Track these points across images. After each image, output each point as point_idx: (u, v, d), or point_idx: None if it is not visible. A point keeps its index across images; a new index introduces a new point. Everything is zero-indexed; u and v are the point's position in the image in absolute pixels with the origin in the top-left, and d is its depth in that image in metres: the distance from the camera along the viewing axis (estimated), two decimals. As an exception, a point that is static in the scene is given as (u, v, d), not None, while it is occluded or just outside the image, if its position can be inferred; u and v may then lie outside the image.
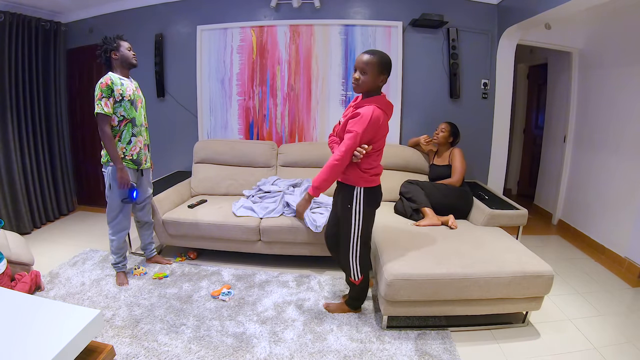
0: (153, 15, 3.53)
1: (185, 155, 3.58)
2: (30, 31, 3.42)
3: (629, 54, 2.87)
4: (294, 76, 3.45)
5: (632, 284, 2.61)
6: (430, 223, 2.51)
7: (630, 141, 2.86)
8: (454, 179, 2.77)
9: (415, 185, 2.75)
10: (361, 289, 2.14)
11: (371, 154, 1.85)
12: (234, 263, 2.83)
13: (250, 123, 3.57)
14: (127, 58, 2.33)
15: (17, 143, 3.37)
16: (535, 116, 4.65)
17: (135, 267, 2.66)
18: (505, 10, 3.15)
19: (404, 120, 3.41)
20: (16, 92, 3.35)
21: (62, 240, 3.32)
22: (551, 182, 3.95)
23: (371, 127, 1.75)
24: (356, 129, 1.76)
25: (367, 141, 1.80)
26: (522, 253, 2.11)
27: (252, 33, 3.42)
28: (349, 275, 2.07)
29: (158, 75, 3.55)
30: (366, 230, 1.98)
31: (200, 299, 2.32)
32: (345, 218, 1.95)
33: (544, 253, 2.25)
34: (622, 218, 2.88)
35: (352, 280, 2.07)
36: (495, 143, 3.42)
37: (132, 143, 2.38)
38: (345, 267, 2.09)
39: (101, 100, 2.20)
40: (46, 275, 2.55)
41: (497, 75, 3.33)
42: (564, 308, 2.28)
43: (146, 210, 2.66)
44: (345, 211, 1.95)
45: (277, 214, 2.74)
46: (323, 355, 1.83)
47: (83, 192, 4.23)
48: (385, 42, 3.31)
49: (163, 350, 1.84)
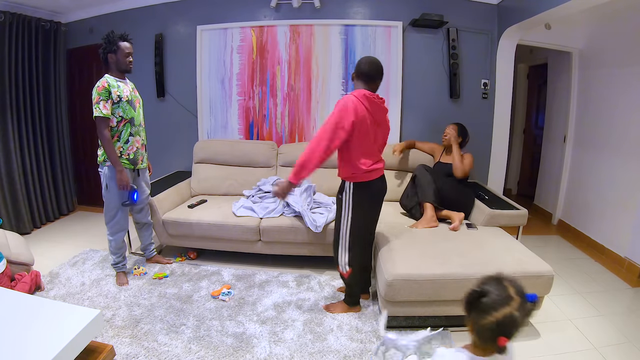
0: (153, 15, 3.53)
1: (185, 155, 3.58)
2: (30, 31, 3.42)
3: (629, 54, 2.87)
4: (294, 76, 3.45)
5: (632, 284, 2.61)
6: (427, 225, 2.50)
7: (630, 141, 2.86)
8: (461, 166, 2.68)
9: (429, 175, 2.63)
10: (349, 284, 2.16)
11: (354, 150, 1.89)
12: (234, 263, 2.83)
13: (250, 123, 3.57)
14: (122, 64, 2.32)
15: (17, 143, 3.36)
16: (535, 116, 4.65)
17: (135, 267, 2.66)
18: (505, 10, 3.15)
19: (404, 120, 3.41)
20: (16, 92, 3.35)
21: (62, 240, 3.32)
22: (551, 182, 3.95)
23: (343, 112, 1.81)
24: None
25: (347, 132, 1.82)
26: (522, 253, 2.11)
27: (252, 33, 3.42)
28: (337, 265, 2.12)
29: (158, 75, 3.54)
30: (357, 222, 2.00)
31: (200, 299, 2.32)
32: (338, 207, 2.10)
33: (544, 253, 2.24)
34: (622, 218, 2.88)
35: (339, 271, 2.12)
36: (495, 143, 3.42)
37: (129, 142, 2.38)
38: (334, 257, 2.13)
39: (99, 103, 2.21)
40: (46, 275, 2.55)
41: (497, 75, 3.32)
42: (564, 308, 2.28)
43: (144, 211, 2.66)
44: (337, 200, 2.09)
45: (277, 214, 2.74)
46: (323, 355, 1.83)
47: (83, 192, 4.22)
48: (385, 42, 3.31)
49: (163, 350, 1.84)
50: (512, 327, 0.94)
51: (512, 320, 0.94)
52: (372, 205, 2.06)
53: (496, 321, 0.94)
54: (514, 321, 0.94)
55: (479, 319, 0.97)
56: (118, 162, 2.30)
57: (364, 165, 1.92)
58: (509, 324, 0.93)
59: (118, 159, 2.31)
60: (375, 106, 1.90)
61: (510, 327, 0.94)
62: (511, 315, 0.93)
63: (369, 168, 1.93)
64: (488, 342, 0.97)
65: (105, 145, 2.26)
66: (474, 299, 1.00)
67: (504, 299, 0.96)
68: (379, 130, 1.98)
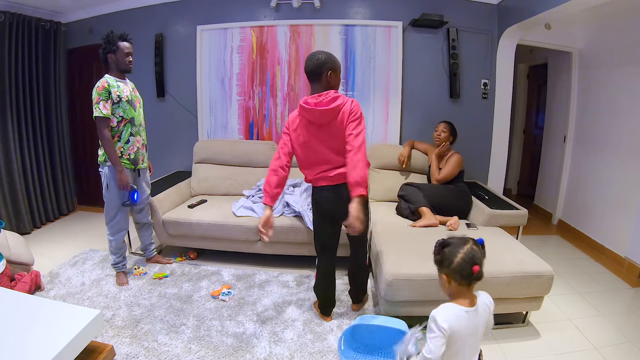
0: (153, 15, 3.53)
1: (185, 155, 3.58)
2: (30, 31, 3.42)
3: (629, 54, 2.87)
4: (294, 76, 3.45)
5: (632, 284, 2.61)
6: (427, 223, 2.50)
7: (630, 141, 2.86)
8: (437, 177, 2.78)
9: (412, 187, 2.75)
10: (314, 286, 2.18)
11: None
12: (234, 263, 2.83)
13: (250, 123, 3.57)
14: (121, 64, 2.32)
15: (17, 143, 3.37)
16: (535, 116, 4.65)
17: (135, 267, 2.66)
18: (505, 10, 3.15)
19: (404, 120, 3.41)
20: (16, 92, 3.35)
21: (62, 240, 3.32)
22: (551, 182, 3.95)
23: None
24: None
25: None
26: (522, 253, 2.11)
27: (252, 33, 3.42)
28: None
29: (158, 75, 3.54)
30: (314, 225, 2.06)
31: (200, 299, 2.32)
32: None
33: (544, 253, 2.24)
34: (622, 218, 2.88)
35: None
36: (495, 143, 3.42)
37: (130, 142, 2.38)
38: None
39: (99, 103, 2.21)
40: (46, 275, 2.55)
41: (497, 75, 3.32)
42: (564, 308, 2.28)
43: (145, 211, 2.67)
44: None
45: (277, 214, 2.74)
46: (323, 355, 1.83)
47: (83, 192, 4.23)
48: (385, 42, 3.31)
49: (163, 350, 1.84)
50: (477, 257, 1.20)
51: (474, 253, 1.21)
52: (320, 212, 2.02)
53: (464, 256, 1.20)
54: (476, 253, 1.21)
55: (451, 263, 1.21)
56: (118, 162, 2.30)
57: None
58: (474, 255, 1.20)
59: (118, 158, 2.31)
60: (304, 112, 1.84)
61: (475, 257, 1.20)
62: (472, 249, 1.21)
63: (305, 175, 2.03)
64: (466, 277, 1.19)
65: (105, 145, 2.27)
66: (440, 252, 1.25)
67: (462, 241, 1.24)
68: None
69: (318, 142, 1.85)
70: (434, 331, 1.17)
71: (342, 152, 1.80)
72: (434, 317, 1.18)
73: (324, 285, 2.10)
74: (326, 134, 1.82)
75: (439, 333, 1.16)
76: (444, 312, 1.18)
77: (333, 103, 1.78)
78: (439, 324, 1.16)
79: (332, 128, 1.81)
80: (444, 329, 1.15)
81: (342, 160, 1.80)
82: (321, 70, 1.80)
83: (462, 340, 1.18)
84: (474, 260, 1.19)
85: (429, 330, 1.19)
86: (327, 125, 1.81)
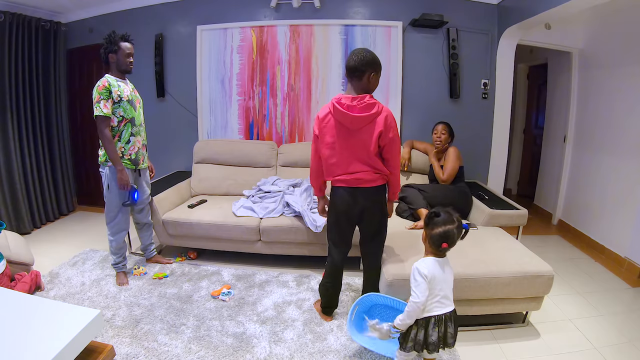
0: (153, 15, 3.53)
1: (185, 155, 3.58)
2: (30, 31, 3.42)
3: (629, 54, 2.87)
4: (294, 76, 3.45)
5: (632, 284, 2.61)
6: None
7: (630, 141, 2.86)
8: (443, 177, 2.77)
9: (412, 188, 2.76)
10: (320, 283, 2.16)
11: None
12: (234, 263, 2.83)
13: (250, 123, 3.57)
14: (122, 64, 2.33)
15: (17, 143, 3.37)
16: (535, 116, 4.65)
17: (135, 267, 2.66)
18: (505, 10, 3.15)
19: (404, 120, 3.41)
20: (16, 92, 3.35)
21: (62, 240, 3.32)
22: (551, 182, 3.95)
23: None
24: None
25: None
26: (522, 253, 2.11)
27: (252, 33, 3.42)
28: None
29: (158, 75, 3.54)
30: (329, 225, 2.03)
31: (200, 299, 2.32)
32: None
33: (544, 253, 2.25)
34: (622, 218, 2.88)
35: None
36: (495, 143, 3.42)
37: (130, 142, 2.38)
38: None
39: (99, 102, 2.21)
40: (46, 275, 2.55)
41: (497, 75, 3.33)
42: (564, 308, 2.28)
43: (145, 211, 2.66)
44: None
45: (277, 214, 2.74)
46: (323, 355, 1.83)
47: (83, 192, 4.23)
48: (385, 42, 3.31)
49: (163, 350, 1.84)
50: (451, 236, 1.45)
51: (452, 234, 1.45)
52: (337, 213, 1.98)
53: (442, 232, 1.45)
54: (453, 235, 1.45)
55: (433, 230, 1.48)
56: (118, 161, 2.30)
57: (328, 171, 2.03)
58: (450, 235, 1.45)
59: (119, 158, 2.31)
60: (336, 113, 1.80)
61: (449, 237, 1.44)
62: (452, 230, 1.45)
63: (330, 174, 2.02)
64: (436, 246, 1.47)
65: (105, 144, 2.27)
66: (432, 217, 1.50)
67: (449, 220, 1.47)
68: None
69: (345, 146, 1.80)
70: (417, 279, 1.44)
71: (366, 159, 1.79)
72: (417, 268, 1.45)
73: (329, 284, 2.09)
74: (355, 139, 1.77)
75: (421, 280, 1.43)
76: (422, 264, 1.47)
77: (367, 111, 1.72)
78: (421, 271, 1.43)
79: (362, 134, 1.76)
80: (425, 275, 1.42)
81: (364, 166, 1.80)
82: (364, 69, 1.74)
83: (439, 285, 1.46)
84: (447, 239, 1.44)
85: (413, 281, 1.45)
86: (358, 131, 1.76)
